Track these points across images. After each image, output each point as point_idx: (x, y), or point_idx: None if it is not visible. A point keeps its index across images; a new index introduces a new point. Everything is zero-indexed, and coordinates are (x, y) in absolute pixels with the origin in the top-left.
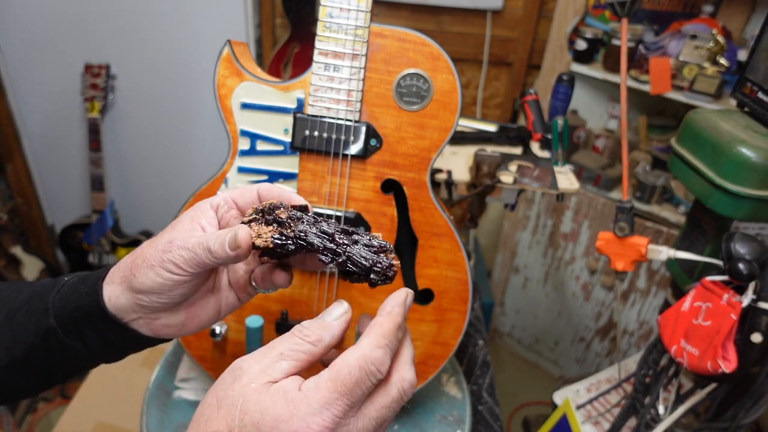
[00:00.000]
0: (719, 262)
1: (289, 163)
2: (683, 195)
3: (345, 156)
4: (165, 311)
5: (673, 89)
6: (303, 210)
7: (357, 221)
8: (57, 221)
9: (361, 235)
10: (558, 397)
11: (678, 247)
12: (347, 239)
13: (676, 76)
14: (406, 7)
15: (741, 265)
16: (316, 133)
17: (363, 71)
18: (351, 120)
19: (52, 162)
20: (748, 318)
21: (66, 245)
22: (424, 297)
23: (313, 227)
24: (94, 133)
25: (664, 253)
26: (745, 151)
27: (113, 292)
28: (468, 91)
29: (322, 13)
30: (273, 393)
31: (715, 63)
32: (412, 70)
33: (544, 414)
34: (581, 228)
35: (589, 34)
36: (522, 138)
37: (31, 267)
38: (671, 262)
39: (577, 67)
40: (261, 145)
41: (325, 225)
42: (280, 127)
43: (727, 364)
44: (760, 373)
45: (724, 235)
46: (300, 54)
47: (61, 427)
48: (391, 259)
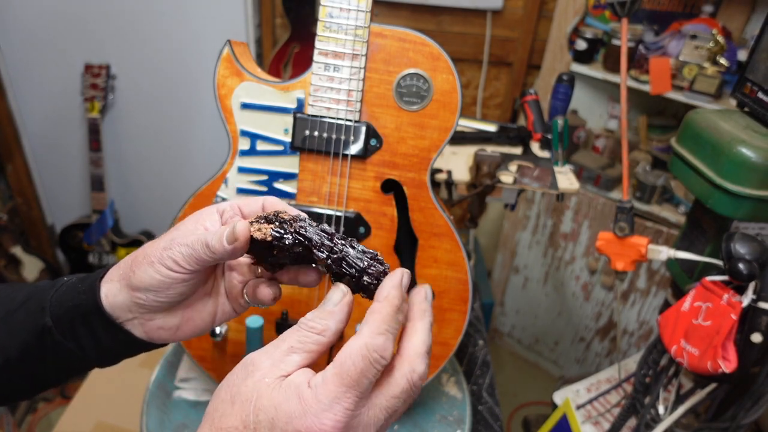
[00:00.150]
0: (719, 262)
1: (289, 163)
2: (683, 195)
3: (345, 156)
4: (161, 311)
5: (673, 89)
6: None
7: (357, 221)
8: (57, 221)
9: (357, 245)
10: (558, 397)
11: (678, 247)
12: (345, 242)
13: (676, 76)
14: (406, 7)
15: (741, 265)
16: (316, 133)
17: (363, 71)
18: (351, 120)
19: (52, 162)
20: (748, 318)
21: (66, 245)
22: None
23: (314, 227)
24: (94, 133)
25: (664, 253)
26: (745, 151)
27: (111, 289)
28: (468, 91)
29: (322, 13)
30: (285, 388)
31: (715, 63)
32: (412, 70)
33: (544, 414)
34: (581, 228)
35: (589, 34)
36: (522, 138)
37: (31, 267)
38: (671, 262)
39: (577, 67)
40: (261, 145)
41: (325, 226)
42: (280, 127)
43: (727, 364)
44: (760, 373)
45: (724, 235)
46: (300, 54)
47: (61, 427)
48: (386, 267)
